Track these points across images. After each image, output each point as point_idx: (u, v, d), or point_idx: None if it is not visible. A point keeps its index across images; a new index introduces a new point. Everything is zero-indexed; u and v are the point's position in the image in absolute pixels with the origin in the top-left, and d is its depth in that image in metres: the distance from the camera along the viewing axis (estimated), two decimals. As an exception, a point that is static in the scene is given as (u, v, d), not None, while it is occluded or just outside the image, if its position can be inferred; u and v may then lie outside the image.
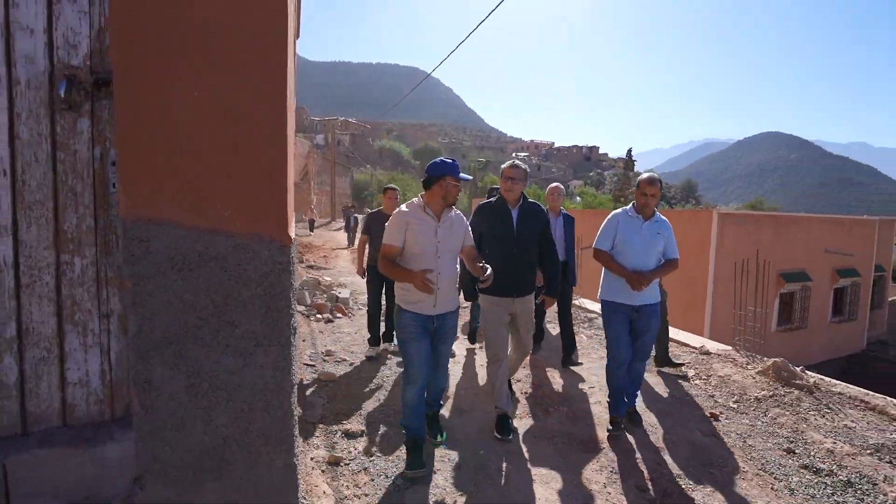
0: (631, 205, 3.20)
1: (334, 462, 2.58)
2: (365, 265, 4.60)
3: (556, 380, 4.09)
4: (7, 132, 1.58)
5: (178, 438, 1.65)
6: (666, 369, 4.37)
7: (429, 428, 2.82)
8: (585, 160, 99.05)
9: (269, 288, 1.69)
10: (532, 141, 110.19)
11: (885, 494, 2.59)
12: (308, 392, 3.63)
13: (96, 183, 1.69)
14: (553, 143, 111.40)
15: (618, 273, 3.06)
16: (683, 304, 10.74)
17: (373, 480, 2.46)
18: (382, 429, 3.06)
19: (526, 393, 3.77)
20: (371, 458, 2.69)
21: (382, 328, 4.62)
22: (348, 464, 2.62)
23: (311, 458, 2.62)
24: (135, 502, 1.62)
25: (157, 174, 1.55)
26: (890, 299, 19.03)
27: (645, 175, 3.16)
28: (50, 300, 1.67)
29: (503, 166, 3.13)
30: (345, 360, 4.45)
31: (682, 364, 4.43)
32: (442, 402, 3.13)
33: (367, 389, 3.75)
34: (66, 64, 1.62)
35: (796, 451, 3.02)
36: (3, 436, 1.64)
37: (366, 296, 4.57)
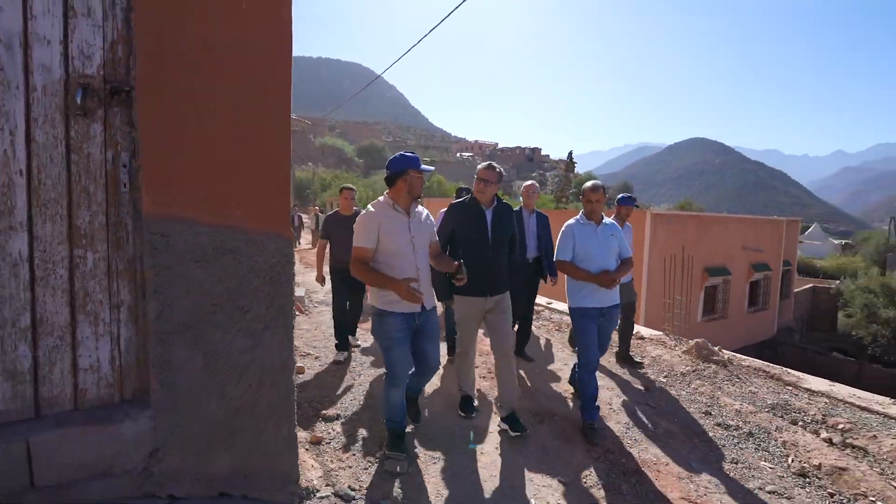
0: (580, 213, 3.38)
1: (316, 441, 2.82)
2: (326, 271, 4.52)
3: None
4: (24, 135, 1.72)
5: (194, 412, 1.86)
6: (626, 368, 4.54)
7: (408, 411, 2.88)
8: (528, 161, 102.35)
9: (276, 277, 1.94)
10: (476, 141, 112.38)
11: (776, 440, 3.24)
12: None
13: (108, 183, 1.85)
14: (497, 143, 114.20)
15: (585, 279, 3.17)
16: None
17: (354, 455, 2.73)
18: (357, 413, 3.33)
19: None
20: (350, 437, 2.96)
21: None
22: (329, 442, 2.87)
23: (294, 441, 2.84)
24: (150, 470, 1.81)
25: (178, 178, 1.76)
26: (795, 290, 21.60)
27: (589, 184, 3.34)
28: (63, 292, 1.81)
29: (479, 167, 3.16)
30: (309, 353, 4.63)
31: (641, 363, 4.63)
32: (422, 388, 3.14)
33: (337, 379, 3.98)
34: (80, 73, 1.78)
35: (712, 413, 3.64)
36: (18, 419, 1.77)
37: (320, 294, 4.69)
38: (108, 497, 1.77)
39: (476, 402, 3.43)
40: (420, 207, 2.75)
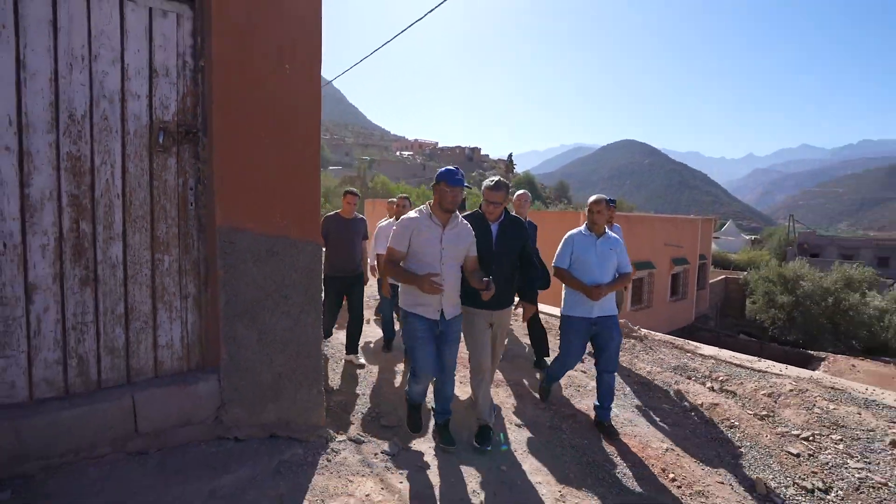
0: (584, 224, 3.53)
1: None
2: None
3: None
4: (121, 168, 2.32)
5: (250, 376, 2.54)
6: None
7: (441, 437, 2.99)
8: (468, 160, 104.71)
9: (309, 273, 2.65)
10: (416, 140, 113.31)
11: (674, 389, 4.37)
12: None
13: (179, 203, 2.48)
14: (437, 142, 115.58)
15: (576, 287, 3.35)
16: (557, 290, 13.07)
17: (357, 422, 3.46)
18: (365, 401, 4.03)
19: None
20: (351, 412, 3.67)
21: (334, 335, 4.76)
22: (336, 412, 3.57)
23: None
24: (222, 419, 2.47)
25: (241, 200, 2.43)
26: (711, 282, 24.50)
27: (593, 197, 3.50)
28: (147, 286, 2.42)
29: (485, 186, 3.08)
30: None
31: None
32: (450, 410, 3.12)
33: (340, 374, 4.62)
34: (161, 119, 2.40)
35: (630, 375, 4.73)
36: (115, 385, 2.35)
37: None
38: (190, 439, 2.40)
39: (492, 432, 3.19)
40: (460, 221, 2.83)
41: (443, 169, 2.72)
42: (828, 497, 2.88)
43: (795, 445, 3.43)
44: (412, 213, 2.79)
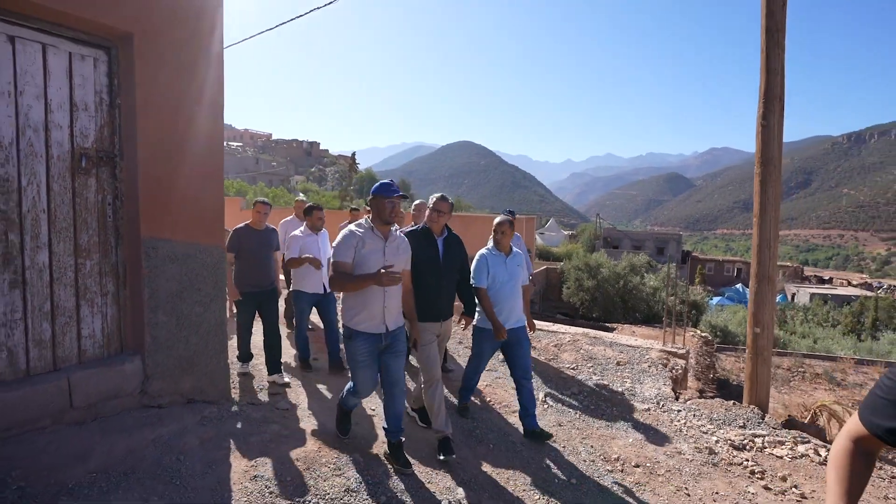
0: (490, 244, 3.84)
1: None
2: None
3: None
4: (46, 187, 2.83)
5: (170, 354, 3.24)
6: None
7: (395, 460, 3.00)
8: (306, 155, 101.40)
9: (216, 269, 3.44)
10: (247, 130, 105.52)
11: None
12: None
13: (99, 215, 3.06)
14: (271, 134, 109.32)
15: (490, 315, 3.63)
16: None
17: (259, 393, 4.23)
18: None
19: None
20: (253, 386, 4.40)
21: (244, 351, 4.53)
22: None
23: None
24: (146, 391, 3.14)
25: (162, 216, 3.12)
26: (535, 272, 29.06)
27: (498, 218, 3.86)
28: (71, 287, 2.96)
29: (433, 199, 3.44)
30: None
31: None
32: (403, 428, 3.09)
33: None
34: (81, 146, 2.97)
35: (462, 342, 6.29)
36: (42, 372, 2.86)
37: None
38: (122, 409, 3.03)
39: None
40: (399, 234, 3.02)
41: (377, 183, 2.91)
42: (580, 396, 4.74)
43: (567, 372, 5.33)
44: (352, 227, 2.91)
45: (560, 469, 3.33)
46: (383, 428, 3.09)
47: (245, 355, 4.49)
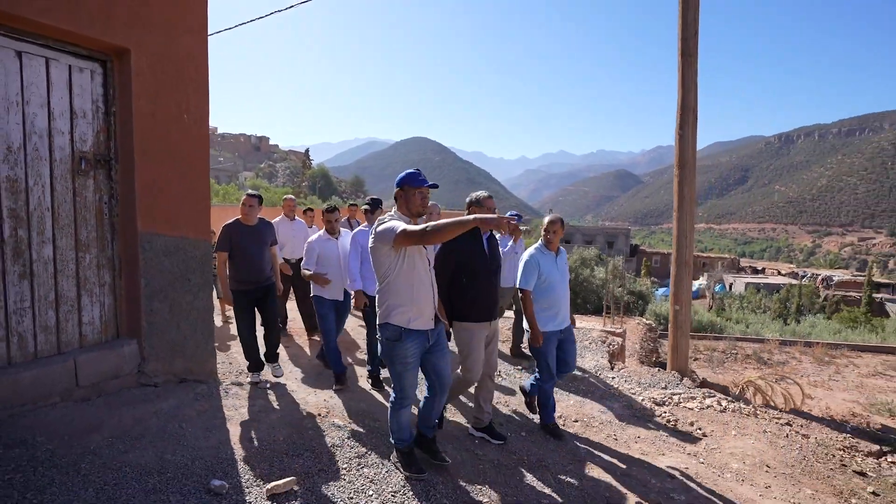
0: (540, 242, 3.74)
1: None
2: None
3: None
4: (50, 187, 3.16)
5: (163, 338, 3.62)
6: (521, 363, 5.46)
7: (431, 454, 2.99)
8: (255, 150, 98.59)
9: (204, 262, 3.83)
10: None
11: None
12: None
13: (97, 213, 3.40)
14: (216, 128, 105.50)
15: (530, 320, 3.54)
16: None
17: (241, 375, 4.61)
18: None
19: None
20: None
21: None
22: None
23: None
24: (143, 371, 3.51)
25: (156, 214, 3.50)
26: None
27: (550, 216, 3.76)
28: (73, 278, 3.30)
29: (483, 197, 3.38)
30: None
31: (530, 357, 5.38)
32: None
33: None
34: (81, 150, 3.30)
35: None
36: (49, 355, 3.19)
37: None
38: (121, 387, 3.40)
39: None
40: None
41: (403, 174, 2.80)
42: (530, 369, 5.39)
43: (520, 350, 5.99)
44: (389, 215, 2.76)
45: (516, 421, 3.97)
46: (421, 426, 3.05)
47: (256, 363, 4.26)
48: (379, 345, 2.85)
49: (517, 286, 3.69)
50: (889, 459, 3.67)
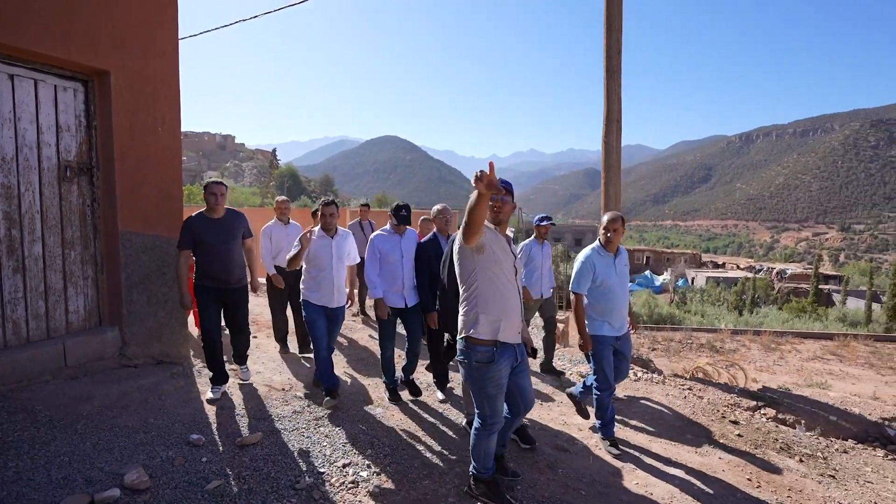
0: (597, 242, 3.52)
1: (167, 362, 5.04)
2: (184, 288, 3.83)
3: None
4: (39, 192, 3.63)
5: (142, 325, 4.11)
6: (549, 377, 5.21)
7: (502, 471, 2.90)
8: (220, 149, 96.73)
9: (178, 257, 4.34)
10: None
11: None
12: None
13: (81, 215, 3.87)
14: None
15: (579, 326, 3.45)
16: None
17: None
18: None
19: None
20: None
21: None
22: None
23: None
24: (125, 354, 4.01)
25: (135, 215, 3.99)
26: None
27: (608, 214, 3.49)
28: (60, 272, 3.77)
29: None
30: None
31: (562, 373, 5.30)
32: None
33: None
34: (66, 160, 3.77)
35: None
36: (39, 339, 3.65)
37: None
38: (105, 368, 3.89)
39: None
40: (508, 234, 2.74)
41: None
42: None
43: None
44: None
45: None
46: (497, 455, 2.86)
47: (220, 374, 3.89)
48: (463, 368, 2.61)
49: (570, 289, 3.51)
50: (761, 412, 4.48)
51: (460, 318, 2.59)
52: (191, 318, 5.22)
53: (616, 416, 4.03)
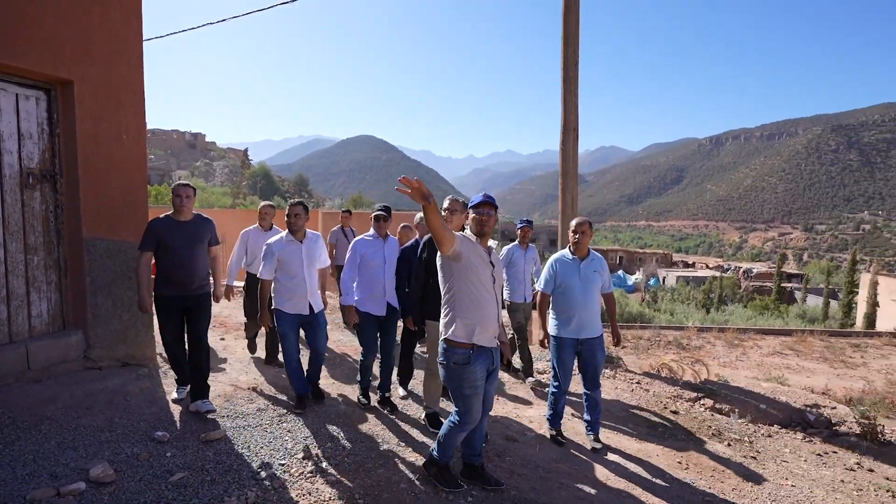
0: (567, 248, 3.71)
1: (132, 365, 5.12)
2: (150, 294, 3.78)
3: (236, 322, 7.38)
4: (1, 199, 3.71)
5: (107, 328, 4.21)
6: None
7: (484, 481, 2.99)
8: (190, 147, 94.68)
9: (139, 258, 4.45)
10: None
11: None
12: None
13: (44, 221, 3.96)
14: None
15: (541, 322, 3.72)
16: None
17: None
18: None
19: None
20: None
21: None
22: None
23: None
24: (89, 357, 4.10)
25: (99, 221, 4.09)
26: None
27: (577, 219, 3.67)
28: (22, 276, 3.85)
29: (447, 200, 3.48)
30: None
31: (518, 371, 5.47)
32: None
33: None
34: (28, 167, 3.86)
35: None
36: (1, 344, 3.73)
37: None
38: (69, 371, 3.98)
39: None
40: (492, 243, 2.99)
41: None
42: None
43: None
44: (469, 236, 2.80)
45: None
46: (469, 452, 3.03)
47: (185, 377, 3.88)
48: (442, 369, 2.81)
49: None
50: (700, 403, 4.85)
51: (441, 320, 2.82)
52: None
53: (567, 409, 4.33)
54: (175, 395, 3.94)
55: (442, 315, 2.81)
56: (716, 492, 3.18)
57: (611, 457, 3.56)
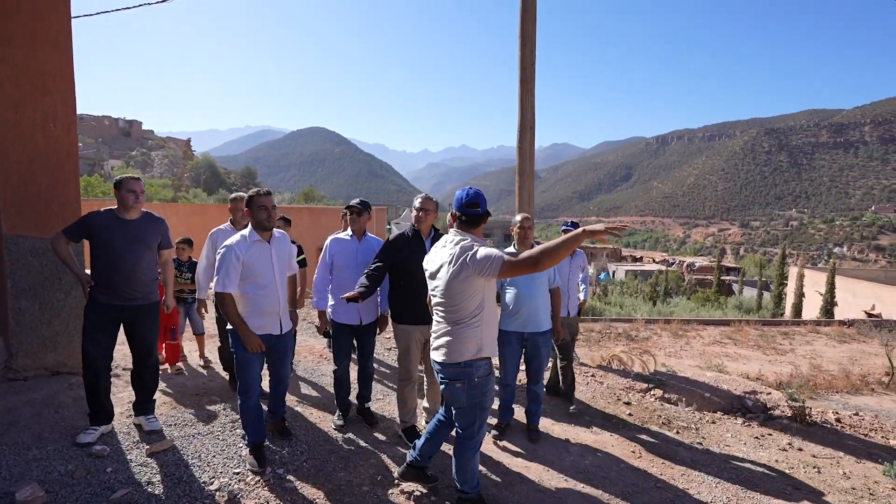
0: (513, 244, 3.84)
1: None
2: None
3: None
4: None
5: (33, 334, 3.90)
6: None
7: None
8: (124, 135, 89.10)
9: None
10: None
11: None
12: None
13: (-42, 216, 3.61)
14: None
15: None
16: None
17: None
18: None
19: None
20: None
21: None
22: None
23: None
24: (11, 367, 3.79)
25: (23, 216, 3.77)
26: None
27: (520, 215, 3.85)
28: (-66, 279, 3.50)
29: (417, 199, 3.44)
30: None
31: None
32: None
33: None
34: (-61, 156, 3.50)
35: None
36: (-89, 354, 3.39)
37: None
38: (-10, 381, 3.66)
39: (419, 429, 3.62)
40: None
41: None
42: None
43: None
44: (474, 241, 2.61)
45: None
46: (465, 486, 2.75)
47: (101, 412, 3.27)
48: (462, 388, 2.61)
49: None
50: (650, 393, 5.08)
51: (457, 342, 2.57)
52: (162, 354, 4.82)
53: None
54: (82, 437, 3.13)
55: (463, 336, 2.57)
56: (666, 478, 3.34)
57: (571, 448, 3.67)
